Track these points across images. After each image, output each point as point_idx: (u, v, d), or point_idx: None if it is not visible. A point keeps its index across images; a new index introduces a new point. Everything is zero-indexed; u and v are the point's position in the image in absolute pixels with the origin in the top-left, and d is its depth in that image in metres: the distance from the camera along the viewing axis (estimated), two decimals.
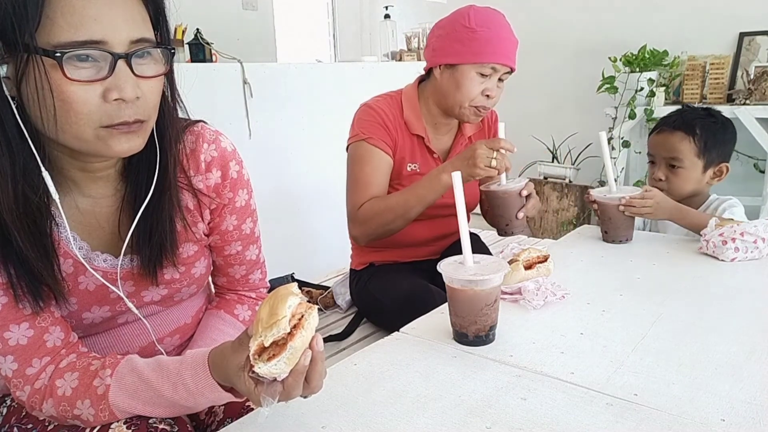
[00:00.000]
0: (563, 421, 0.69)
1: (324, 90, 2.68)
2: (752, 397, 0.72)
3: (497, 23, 1.39)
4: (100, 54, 0.65)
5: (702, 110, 1.59)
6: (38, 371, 0.74)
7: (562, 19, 3.88)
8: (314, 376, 0.64)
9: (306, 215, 2.68)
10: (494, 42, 1.38)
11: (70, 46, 0.63)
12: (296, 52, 4.42)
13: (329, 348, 1.50)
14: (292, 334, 0.60)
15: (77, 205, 0.79)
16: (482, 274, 0.87)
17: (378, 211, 1.42)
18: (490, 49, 1.38)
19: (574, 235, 1.49)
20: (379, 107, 1.51)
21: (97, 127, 0.67)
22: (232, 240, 0.93)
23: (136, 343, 0.90)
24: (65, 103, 0.65)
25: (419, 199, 1.37)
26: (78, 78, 0.64)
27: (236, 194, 0.90)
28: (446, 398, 0.75)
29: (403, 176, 1.52)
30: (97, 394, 0.72)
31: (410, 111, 1.52)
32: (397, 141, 1.50)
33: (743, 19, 3.19)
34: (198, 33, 2.37)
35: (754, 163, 3.13)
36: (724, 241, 1.21)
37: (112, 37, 0.65)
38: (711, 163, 1.55)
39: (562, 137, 3.95)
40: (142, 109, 0.70)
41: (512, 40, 1.42)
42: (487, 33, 1.37)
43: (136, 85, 0.68)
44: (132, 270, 0.83)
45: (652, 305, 1.01)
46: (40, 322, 0.75)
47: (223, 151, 0.87)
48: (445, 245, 1.66)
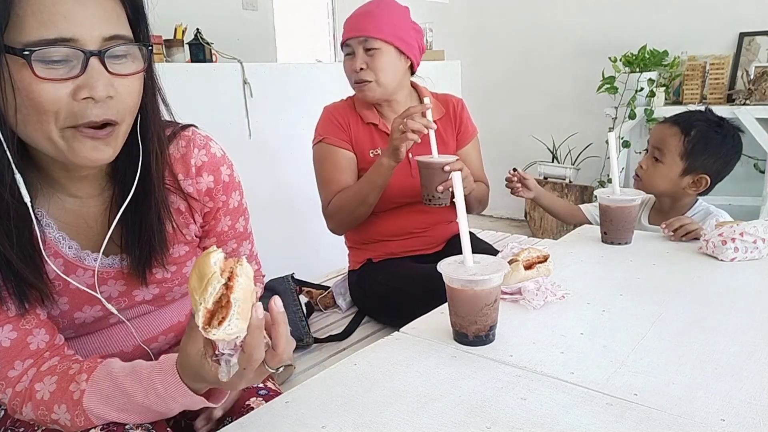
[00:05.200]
0: (563, 421, 0.69)
1: (324, 90, 2.67)
2: (752, 397, 0.72)
3: (361, 7, 1.55)
4: (72, 52, 0.64)
5: (715, 119, 1.54)
6: (20, 374, 0.73)
7: (562, 19, 3.88)
8: (279, 340, 0.62)
9: (306, 215, 2.67)
10: (348, 22, 1.56)
11: (40, 44, 0.62)
12: (296, 52, 4.42)
13: (329, 348, 1.50)
14: (230, 287, 0.57)
15: (64, 206, 0.79)
16: (482, 274, 0.87)
17: (341, 204, 1.55)
18: (345, 31, 1.56)
19: (574, 235, 1.49)
20: (333, 108, 1.65)
21: (63, 128, 0.66)
22: (228, 239, 0.94)
23: (130, 343, 0.89)
24: (34, 102, 0.64)
25: (370, 184, 1.49)
26: (48, 77, 0.63)
27: (229, 197, 0.91)
28: (446, 398, 0.75)
29: (369, 162, 1.58)
30: (72, 399, 0.71)
31: (362, 104, 1.63)
32: (352, 134, 1.60)
33: (743, 19, 3.20)
34: (198, 33, 2.37)
35: (754, 163, 3.13)
36: (723, 241, 1.21)
37: (83, 34, 0.64)
38: (692, 170, 1.52)
39: (562, 137, 3.96)
40: (114, 110, 0.68)
41: (365, 13, 1.54)
42: (348, 19, 1.56)
43: (110, 83, 0.67)
44: (122, 269, 0.83)
45: (652, 305, 1.01)
46: (24, 324, 0.74)
47: (212, 156, 0.87)
48: (443, 235, 1.68)
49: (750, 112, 2.91)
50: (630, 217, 1.35)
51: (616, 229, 1.36)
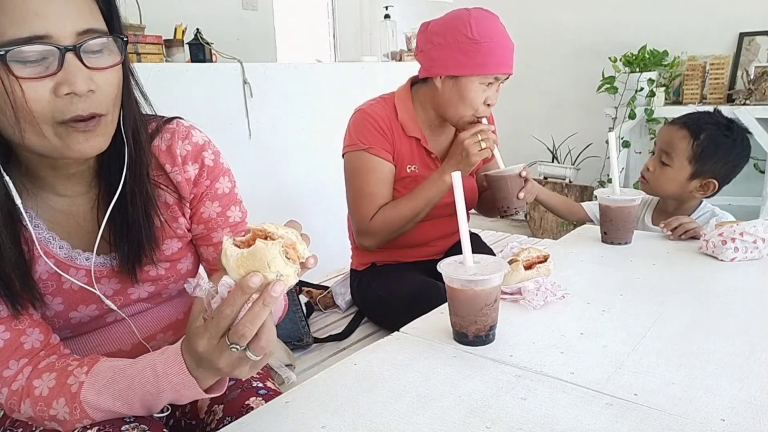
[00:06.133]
0: (563, 421, 0.69)
1: (324, 90, 2.68)
2: (752, 397, 0.72)
3: (498, 31, 1.40)
4: (47, 49, 0.63)
5: (725, 121, 1.51)
6: (15, 373, 0.74)
7: (562, 19, 3.88)
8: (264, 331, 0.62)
9: (306, 215, 2.68)
10: (497, 52, 1.39)
11: (14, 43, 0.62)
12: (296, 52, 4.42)
13: (329, 348, 1.50)
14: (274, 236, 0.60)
15: (52, 205, 0.79)
16: (482, 274, 0.87)
17: (389, 220, 1.48)
18: (494, 60, 1.39)
19: (574, 235, 1.49)
20: (375, 112, 1.50)
21: (54, 124, 0.66)
22: (218, 227, 0.91)
23: (128, 341, 0.89)
24: (17, 104, 0.63)
25: (427, 202, 1.46)
26: (26, 75, 0.63)
27: (215, 181, 0.89)
28: (446, 398, 0.75)
29: (403, 178, 1.53)
30: (71, 392, 0.71)
31: (405, 114, 1.52)
32: (395, 145, 1.51)
33: (743, 19, 3.20)
34: (198, 33, 2.37)
35: (754, 163, 3.13)
36: (723, 241, 1.21)
37: (56, 30, 0.64)
38: (700, 174, 1.50)
39: (562, 137, 3.96)
40: (97, 103, 0.68)
41: (511, 46, 1.43)
42: (490, 44, 1.38)
43: (89, 77, 0.66)
44: (113, 268, 0.83)
45: (652, 305, 1.01)
46: (17, 324, 0.74)
47: (195, 144, 0.87)
48: (447, 245, 1.66)
49: (750, 112, 2.91)
50: (630, 217, 1.35)
51: (616, 229, 1.36)
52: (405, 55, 3.33)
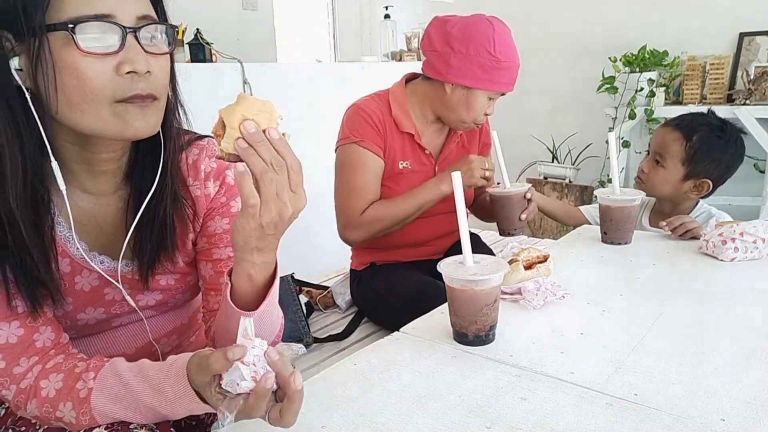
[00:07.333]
0: (563, 421, 0.69)
1: (324, 90, 2.68)
2: (752, 397, 0.72)
3: (514, 51, 1.45)
4: (111, 27, 0.66)
5: (718, 123, 1.53)
6: (25, 371, 0.74)
7: (562, 19, 3.88)
8: (289, 414, 0.62)
9: (306, 215, 2.67)
10: (511, 72, 1.45)
11: (80, 20, 0.64)
12: (296, 52, 4.41)
13: (329, 348, 1.50)
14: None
15: (77, 203, 0.79)
16: (482, 274, 0.87)
17: (380, 218, 1.49)
18: (507, 80, 1.46)
19: (574, 235, 1.49)
20: (368, 107, 1.52)
21: (113, 102, 0.68)
22: (221, 244, 0.89)
23: (132, 345, 0.89)
24: (80, 80, 0.66)
25: (420, 207, 1.49)
26: (92, 51, 0.65)
27: (231, 199, 0.90)
28: (446, 398, 0.75)
29: (395, 174, 1.54)
30: (79, 397, 0.71)
31: (399, 110, 1.53)
32: (387, 140, 1.52)
33: (743, 19, 3.19)
34: (198, 33, 2.37)
35: (754, 163, 3.13)
36: (723, 241, 1.21)
37: (119, 11, 0.67)
38: (693, 175, 1.51)
39: (562, 137, 3.95)
40: (154, 85, 0.71)
41: (519, 65, 1.47)
42: (507, 63, 1.43)
43: (147, 59, 0.69)
44: (127, 274, 0.83)
45: (652, 305, 1.01)
46: (31, 321, 0.74)
47: (220, 164, 0.88)
48: (446, 244, 1.66)
49: (750, 112, 2.90)
50: (630, 217, 1.35)
51: (616, 229, 1.36)
52: (405, 55, 3.33)
